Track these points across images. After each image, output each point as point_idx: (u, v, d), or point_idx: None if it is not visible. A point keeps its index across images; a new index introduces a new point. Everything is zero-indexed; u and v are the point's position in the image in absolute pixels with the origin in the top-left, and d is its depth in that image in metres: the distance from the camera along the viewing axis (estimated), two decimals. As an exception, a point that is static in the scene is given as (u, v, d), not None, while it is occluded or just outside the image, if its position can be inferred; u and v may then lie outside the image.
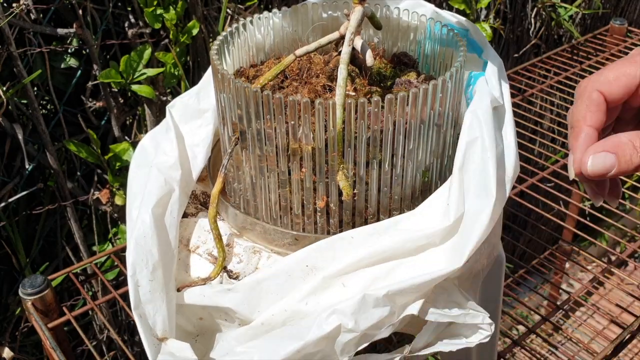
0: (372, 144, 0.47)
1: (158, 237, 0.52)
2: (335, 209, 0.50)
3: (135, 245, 0.52)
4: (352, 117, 0.46)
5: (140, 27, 1.01)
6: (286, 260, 0.49)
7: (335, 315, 0.45)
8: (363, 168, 0.48)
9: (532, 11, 1.53)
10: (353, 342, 0.46)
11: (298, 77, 0.54)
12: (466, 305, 0.48)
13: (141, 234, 0.52)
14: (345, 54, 0.49)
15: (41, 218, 1.06)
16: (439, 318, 0.47)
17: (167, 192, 0.55)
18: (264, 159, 0.50)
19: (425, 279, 0.46)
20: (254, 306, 0.49)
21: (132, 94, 1.06)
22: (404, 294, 0.46)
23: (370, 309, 0.46)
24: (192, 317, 0.53)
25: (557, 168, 1.07)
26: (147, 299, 0.51)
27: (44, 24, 0.95)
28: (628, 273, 1.50)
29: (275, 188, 0.51)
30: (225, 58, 0.56)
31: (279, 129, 0.47)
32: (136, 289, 0.51)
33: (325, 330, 0.45)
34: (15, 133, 0.93)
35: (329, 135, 0.47)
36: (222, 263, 0.52)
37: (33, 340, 1.09)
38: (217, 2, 1.08)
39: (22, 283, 0.68)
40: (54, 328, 0.68)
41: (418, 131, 0.49)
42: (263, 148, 0.49)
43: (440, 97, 0.49)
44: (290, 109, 0.46)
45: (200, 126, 0.59)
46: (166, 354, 0.49)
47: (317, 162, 0.48)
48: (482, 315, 0.48)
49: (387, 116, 0.46)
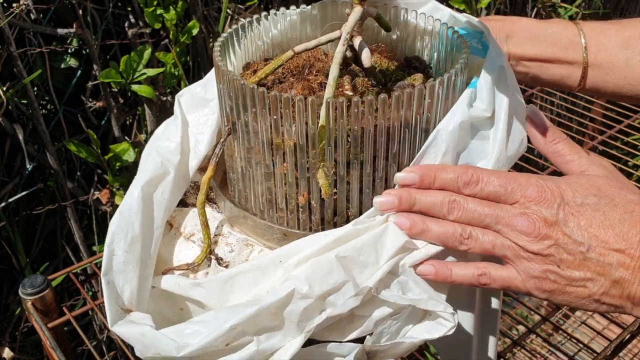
0: (353, 144, 0.48)
1: (143, 212, 0.54)
2: (316, 207, 0.51)
3: (119, 216, 0.53)
4: (332, 116, 0.46)
5: (140, 27, 1.01)
6: (261, 258, 0.50)
7: (289, 281, 0.46)
8: (344, 167, 0.49)
9: (532, 11, 1.54)
10: (309, 311, 0.46)
11: (299, 73, 0.54)
12: (429, 293, 0.48)
13: (127, 207, 0.54)
14: (338, 53, 0.49)
15: (41, 218, 1.06)
16: (396, 299, 0.47)
17: (161, 173, 0.56)
18: (252, 151, 0.51)
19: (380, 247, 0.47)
20: (224, 300, 0.49)
21: (132, 94, 1.06)
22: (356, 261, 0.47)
23: (325, 274, 0.46)
24: (174, 306, 0.54)
25: (557, 168, 1.07)
26: (120, 269, 0.52)
27: (44, 24, 0.95)
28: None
29: (261, 180, 0.52)
30: (235, 50, 0.57)
31: (263, 123, 0.48)
32: (110, 257, 0.52)
33: (280, 295, 0.45)
34: (15, 133, 0.93)
35: (309, 132, 0.47)
36: (206, 250, 0.53)
37: (33, 340, 1.09)
38: (217, 2, 1.08)
39: (22, 283, 0.68)
40: (54, 328, 0.68)
41: (402, 135, 0.49)
42: (250, 140, 0.50)
43: (429, 103, 0.48)
44: (272, 104, 0.46)
45: (205, 115, 0.60)
46: (126, 321, 0.50)
47: (298, 158, 0.48)
48: (443, 305, 0.48)
49: (368, 117, 0.46)
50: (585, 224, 0.46)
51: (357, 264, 0.47)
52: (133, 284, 0.52)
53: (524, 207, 0.47)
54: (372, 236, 0.48)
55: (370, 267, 0.47)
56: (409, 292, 0.48)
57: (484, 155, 0.52)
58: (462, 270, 0.49)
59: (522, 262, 0.48)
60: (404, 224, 0.49)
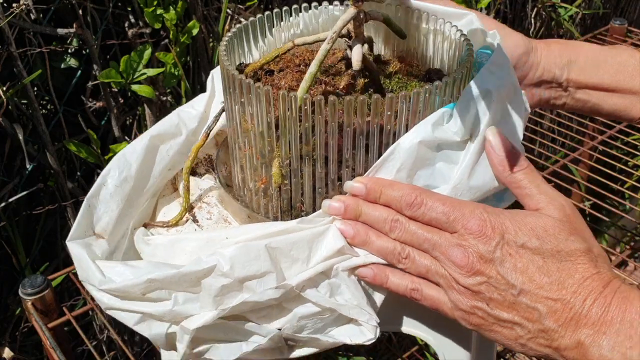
0: (305, 141, 0.48)
1: (143, 159, 0.57)
2: (273, 194, 0.52)
3: (121, 156, 0.57)
4: (285, 110, 0.47)
5: (141, 27, 1.01)
6: (212, 232, 0.53)
7: (214, 256, 0.47)
8: (297, 162, 0.50)
9: (532, 11, 1.54)
10: (227, 289, 0.47)
11: (295, 65, 0.56)
12: (359, 300, 0.49)
13: (131, 150, 0.57)
14: (321, 51, 0.50)
15: (41, 218, 1.06)
16: (319, 300, 0.48)
17: (174, 132, 0.60)
18: (232, 131, 0.54)
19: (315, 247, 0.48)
20: (167, 260, 0.52)
21: (132, 94, 1.06)
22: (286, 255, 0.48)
23: (251, 259, 0.47)
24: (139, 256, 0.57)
25: (557, 168, 1.07)
26: (105, 199, 0.56)
27: (44, 24, 0.95)
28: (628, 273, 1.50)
29: (237, 159, 0.54)
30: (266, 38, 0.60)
31: (234, 105, 0.51)
32: (100, 186, 0.56)
33: (201, 267, 0.47)
34: (15, 133, 0.93)
35: (268, 121, 0.49)
36: (182, 213, 0.57)
37: (33, 340, 1.09)
38: (217, 2, 1.08)
39: (22, 283, 0.68)
40: (54, 328, 0.68)
41: (355, 141, 0.48)
42: (231, 120, 0.53)
43: (388, 115, 0.48)
44: (238, 87, 0.49)
45: None
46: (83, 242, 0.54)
47: (259, 144, 0.51)
48: (367, 316, 0.48)
49: (319, 117, 0.47)
50: (522, 266, 0.45)
51: (287, 257, 0.48)
52: (112, 216, 0.55)
53: (463, 238, 0.46)
54: (309, 234, 0.49)
55: (300, 263, 0.48)
56: (339, 295, 0.49)
57: (448, 180, 0.51)
58: (398, 280, 0.50)
59: (452, 292, 0.47)
60: (348, 232, 0.49)
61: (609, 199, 1.07)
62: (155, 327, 0.49)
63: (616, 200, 1.02)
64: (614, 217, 1.53)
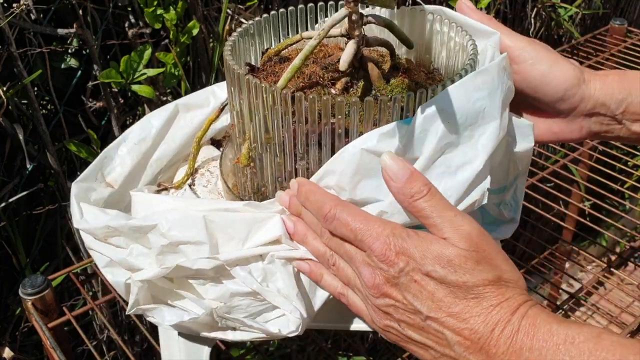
0: (265, 130, 0.51)
1: (167, 121, 0.62)
2: (245, 174, 0.56)
3: (145, 120, 0.62)
4: (253, 101, 0.50)
5: (141, 27, 1.01)
6: (186, 200, 0.57)
7: (159, 216, 0.50)
8: (260, 148, 0.52)
9: (532, 11, 1.54)
10: (165, 249, 0.50)
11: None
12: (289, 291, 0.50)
13: (157, 113, 0.63)
14: (308, 47, 0.50)
15: (41, 218, 1.06)
16: (244, 280, 0.50)
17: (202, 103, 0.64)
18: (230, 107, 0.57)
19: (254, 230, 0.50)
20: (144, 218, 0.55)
21: (132, 94, 1.06)
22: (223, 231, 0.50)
23: (188, 225, 0.50)
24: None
25: (557, 168, 1.07)
26: (122, 153, 0.61)
27: (44, 24, 0.95)
28: (628, 273, 1.50)
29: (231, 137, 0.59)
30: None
31: (230, 87, 0.54)
32: (120, 141, 0.61)
33: (145, 222, 0.51)
34: (15, 133, 0.93)
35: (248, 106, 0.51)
36: (185, 179, 0.62)
37: (33, 340, 1.09)
38: (217, 2, 1.08)
39: (22, 283, 0.68)
40: (54, 328, 0.69)
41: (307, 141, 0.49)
42: (231, 102, 0.56)
43: (339, 118, 0.47)
44: (227, 72, 0.53)
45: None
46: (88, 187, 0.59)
47: (237, 124, 0.55)
48: (291, 308, 0.50)
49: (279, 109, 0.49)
50: (428, 294, 0.44)
51: (223, 233, 0.50)
52: (125, 169, 0.61)
53: (370, 259, 0.46)
54: (250, 217, 0.51)
55: (235, 242, 0.50)
56: (272, 282, 0.50)
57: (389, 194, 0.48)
58: (330, 281, 0.51)
59: (369, 308, 0.48)
60: (289, 228, 0.51)
61: (609, 199, 1.07)
62: (117, 274, 0.54)
63: (616, 200, 1.02)
64: (614, 217, 1.53)
